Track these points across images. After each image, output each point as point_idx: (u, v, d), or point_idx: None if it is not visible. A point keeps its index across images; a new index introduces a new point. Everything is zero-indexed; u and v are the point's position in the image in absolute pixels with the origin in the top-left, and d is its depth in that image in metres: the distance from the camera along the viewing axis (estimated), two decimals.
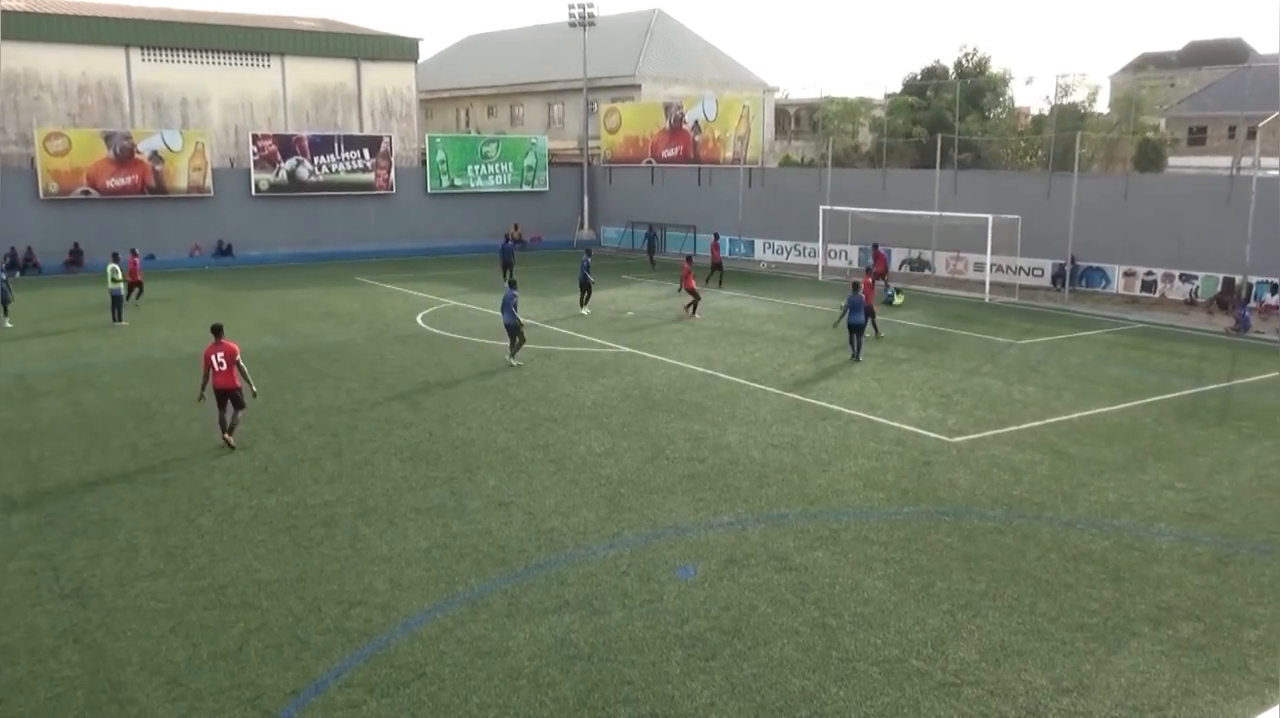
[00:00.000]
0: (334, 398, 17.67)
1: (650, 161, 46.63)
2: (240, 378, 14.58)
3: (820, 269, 36.37)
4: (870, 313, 22.34)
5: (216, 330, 14.81)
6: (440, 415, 16.45)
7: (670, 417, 16.39)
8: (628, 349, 22.01)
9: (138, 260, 28.85)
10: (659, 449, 14.52)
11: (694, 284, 26.75)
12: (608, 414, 16.56)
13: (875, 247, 31.46)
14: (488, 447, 14.64)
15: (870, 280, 23.06)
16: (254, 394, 15.22)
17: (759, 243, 41.36)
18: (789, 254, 40.34)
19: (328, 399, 17.58)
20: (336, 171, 42.61)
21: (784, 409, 16.96)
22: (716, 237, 34.76)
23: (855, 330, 20.45)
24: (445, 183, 45.43)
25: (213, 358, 14.56)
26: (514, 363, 19.48)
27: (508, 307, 19.70)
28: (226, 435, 14.60)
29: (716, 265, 33.06)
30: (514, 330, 19.64)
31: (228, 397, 14.65)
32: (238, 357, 14.63)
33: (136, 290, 28.32)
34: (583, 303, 26.85)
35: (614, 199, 48.24)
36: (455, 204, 45.64)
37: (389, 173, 43.83)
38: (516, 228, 46.32)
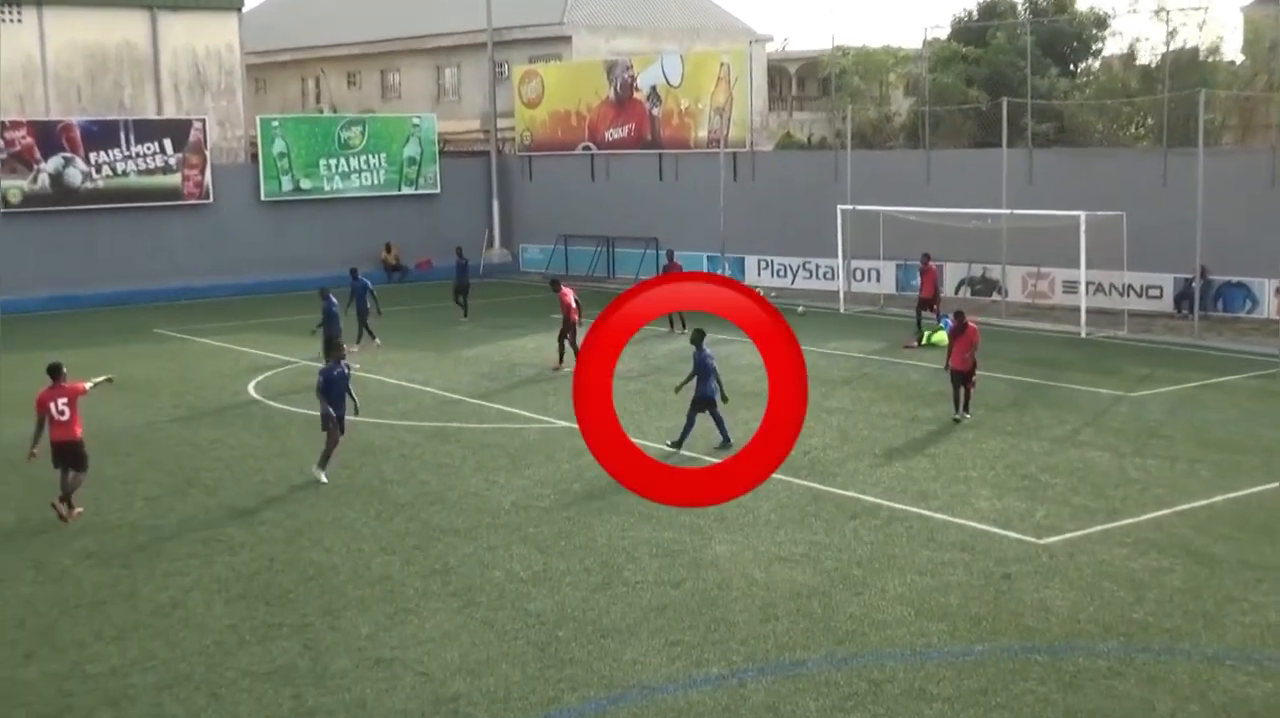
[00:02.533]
0: (126, 511, 17.65)
1: (589, 147, 47.12)
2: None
3: (842, 297, 36.87)
4: (965, 378, 21.63)
5: (54, 371, 16.97)
6: (286, 532, 16.51)
7: (629, 521, 16.55)
8: (563, 423, 22.09)
9: None
10: (614, 570, 14.68)
11: (576, 315, 27.24)
12: (536, 521, 16.70)
13: (925, 259, 31.75)
14: (358, 576, 14.71)
15: (961, 326, 21.69)
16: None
17: (750, 261, 41.86)
18: (795, 277, 40.77)
19: (116, 513, 17.51)
20: (124, 173, 42.84)
21: (796, 504, 17.14)
22: (671, 256, 34.90)
23: (706, 406, 19.90)
24: (287, 186, 45.92)
25: (51, 405, 16.61)
26: (322, 478, 18.86)
27: (330, 388, 18.83)
28: (59, 504, 16.66)
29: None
30: (335, 424, 18.99)
31: (71, 453, 16.73)
32: (82, 396, 16.92)
33: None
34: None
35: (537, 203, 48.62)
36: (303, 217, 45.92)
37: (203, 174, 44.12)
38: (391, 250, 46.20)
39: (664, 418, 22.56)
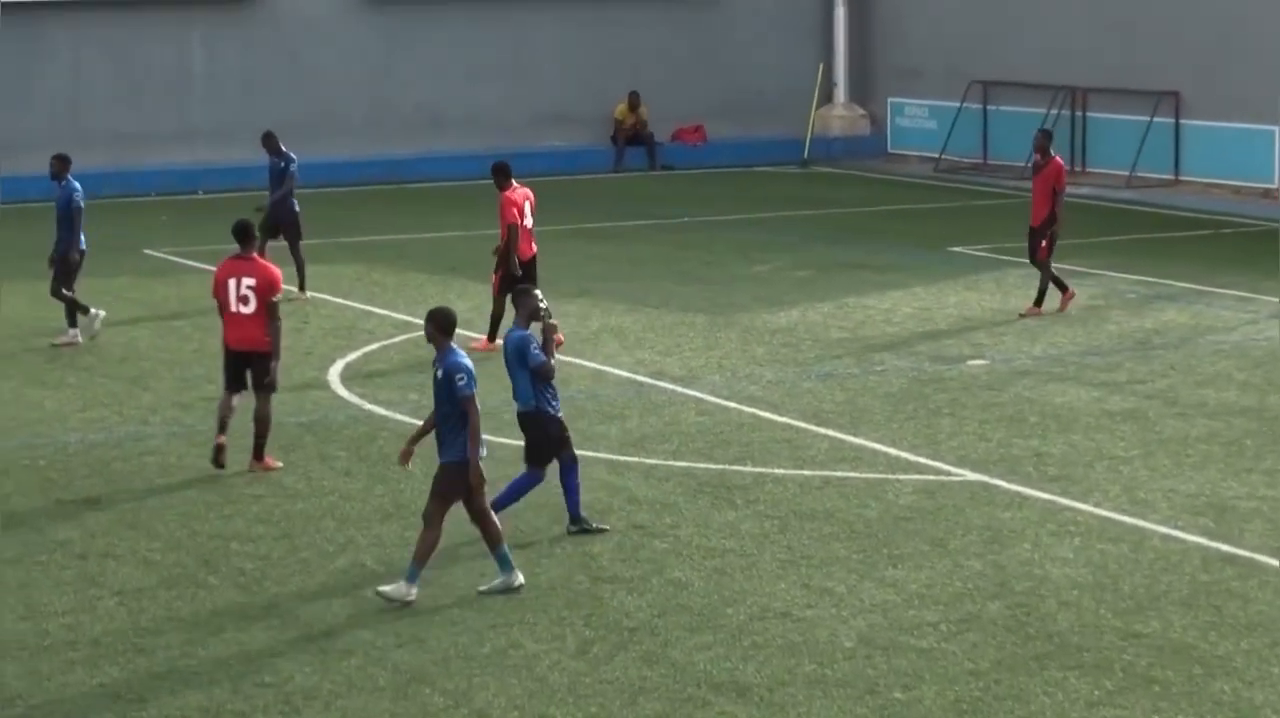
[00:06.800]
0: (83, 617, 14.91)
1: None
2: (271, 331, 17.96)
3: None
4: None
5: (242, 233, 17.54)
6: (399, 672, 13.76)
7: (1109, 684, 13.27)
8: (970, 474, 19.04)
9: None
10: None
11: (532, 242, 24.04)
12: (911, 676, 13.70)
13: None
14: None
15: None
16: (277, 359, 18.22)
17: None
18: None
19: (64, 620, 14.86)
20: None
21: None
22: (1045, 145, 27.47)
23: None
24: None
25: (231, 285, 17.26)
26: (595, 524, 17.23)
27: (521, 359, 16.50)
28: (259, 461, 17.67)
29: (1041, 241, 27.58)
30: (558, 443, 16.79)
31: (248, 364, 17.47)
32: (276, 296, 17.69)
33: None
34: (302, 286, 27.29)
35: (925, 18, 42.54)
36: (448, 35, 41.64)
37: None
38: (634, 105, 41.86)
39: (1182, 475, 18.36)
